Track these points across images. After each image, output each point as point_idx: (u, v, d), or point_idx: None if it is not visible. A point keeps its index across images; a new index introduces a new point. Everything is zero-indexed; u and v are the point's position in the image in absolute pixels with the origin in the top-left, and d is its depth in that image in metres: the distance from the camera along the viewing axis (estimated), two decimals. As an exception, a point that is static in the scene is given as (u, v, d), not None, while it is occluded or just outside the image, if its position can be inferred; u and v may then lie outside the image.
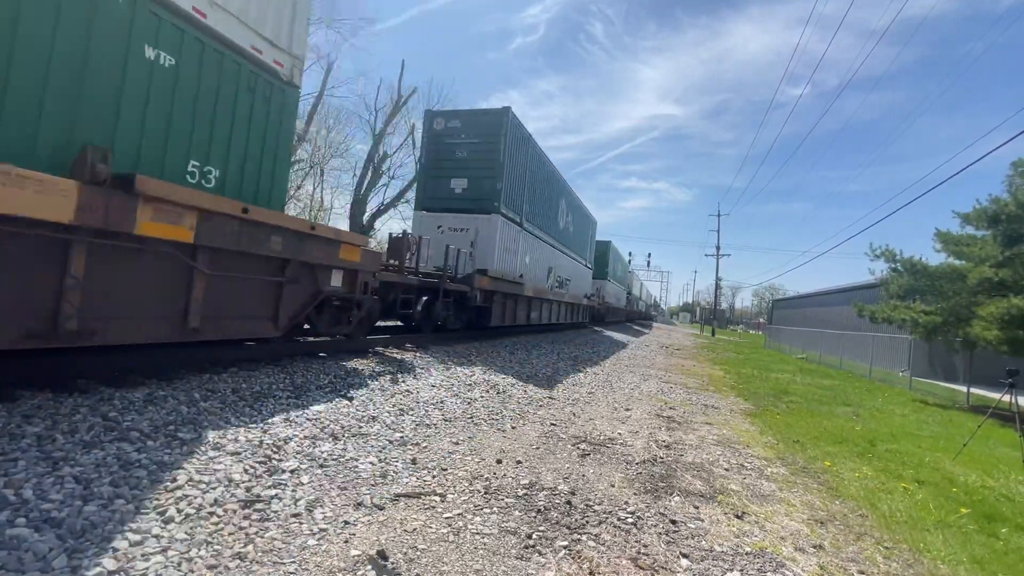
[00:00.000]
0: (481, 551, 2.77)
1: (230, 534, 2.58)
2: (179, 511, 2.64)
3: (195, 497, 2.79)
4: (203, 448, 3.38)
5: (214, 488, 2.94)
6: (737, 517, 3.67)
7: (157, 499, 2.69)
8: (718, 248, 51.86)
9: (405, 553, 2.66)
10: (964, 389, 12.57)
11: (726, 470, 4.81)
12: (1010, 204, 10.86)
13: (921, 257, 12.72)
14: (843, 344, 20.35)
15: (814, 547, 3.32)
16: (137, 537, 2.36)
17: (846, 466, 5.28)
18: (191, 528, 2.54)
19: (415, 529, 2.94)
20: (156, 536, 2.40)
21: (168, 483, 2.86)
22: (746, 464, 5.07)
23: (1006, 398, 6.35)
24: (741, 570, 2.89)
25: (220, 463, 3.24)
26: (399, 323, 10.42)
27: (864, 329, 18.56)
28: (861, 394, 12.06)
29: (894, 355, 16.92)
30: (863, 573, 3.02)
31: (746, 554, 3.10)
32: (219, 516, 2.70)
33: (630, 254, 58.11)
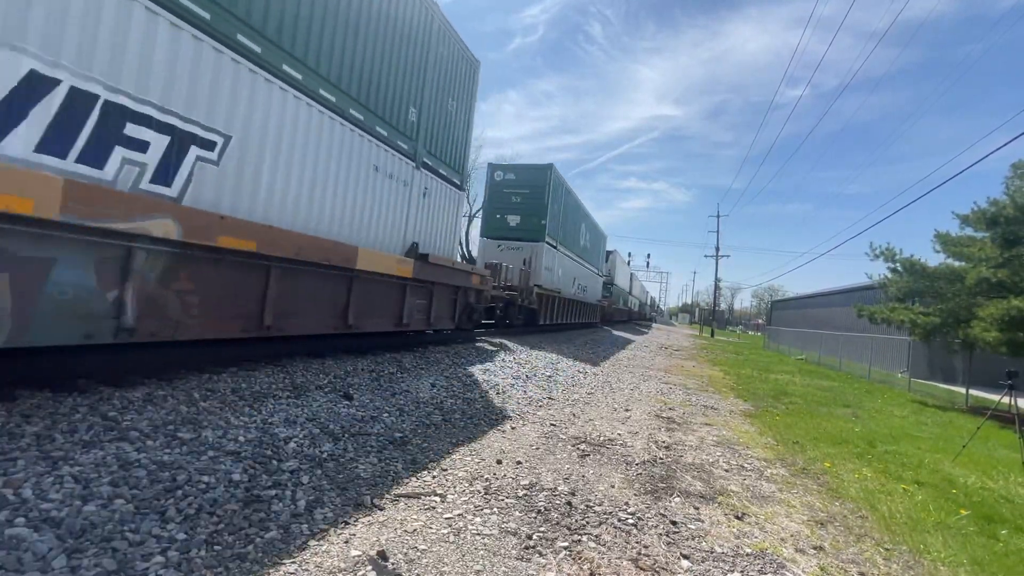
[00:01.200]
0: (481, 552, 2.77)
1: (230, 534, 2.57)
2: (179, 511, 2.63)
3: (195, 497, 2.78)
4: (203, 448, 3.37)
5: (214, 488, 2.93)
6: (737, 518, 3.67)
7: (157, 499, 2.68)
8: (717, 249, 51.92)
9: (405, 554, 2.65)
10: (963, 390, 12.58)
11: (726, 471, 4.81)
12: (1008, 206, 10.88)
13: (921, 258, 12.75)
14: (842, 345, 20.36)
15: (814, 548, 3.32)
16: (137, 537, 2.35)
17: (846, 467, 5.28)
18: (191, 528, 2.53)
19: (415, 530, 2.93)
20: (156, 536, 2.40)
21: (168, 483, 2.86)
22: (746, 465, 5.07)
23: (1005, 399, 6.36)
24: (742, 571, 2.89)
25: (220, 463, 3.24)
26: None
27: (863, 330, 18.57)
28: (860, 395, 12.07)
29: (893, 356, 16.94)
30: (864, 574, 3.02)
31: (747, 555, 3.10)
32: (219, 516, 2.69)
33: (629, 255, 55.95)
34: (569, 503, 3.57)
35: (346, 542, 2.70)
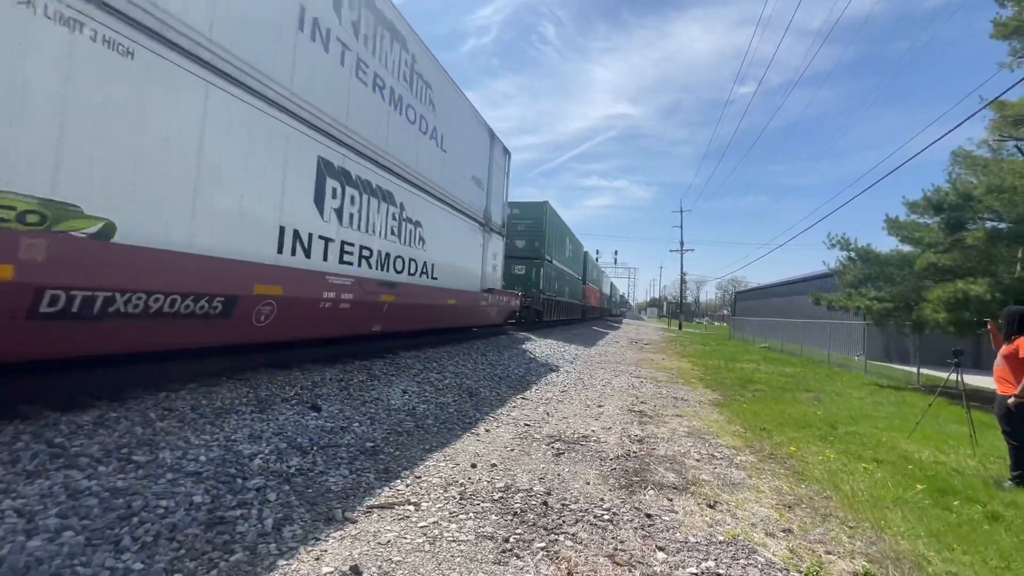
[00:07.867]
0: (458, 559, 2.73)
1: (192, 560, 2.45)
2: (135, 539, 2.49)
3: (152, 524, 2.64)
4: (160, 471, 3.21)
5: (173, 512, 2.79)
6: (710, 507, 3.74)
7: (110, 528, 2.53)
8: (681, 244, 53.06)
9: (380, 567, 2.59)
10: (915, 370, 13.23)
11: (697, 461, 4.90)
12: (951, 193, 11.49)
13: (873, 245, 13.33)
14: (803, 332, 21.12)
15: (783, 531, 3.41)
16: (88, 571, 2.21)
17: (810, 450, 5.47)
18: (148, 557, 2.40)
19: (389, 541, 2.86)
20: (110, 568, 2.26)
21: (122, 510, 2.70)
22: (716, 454, 5.18)
23: (953, 377, 6.70)
24: (715, 559, 2.94)
25: (180, 485, 3.09)
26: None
27: (823, 317, 19.30)
28: (821, 379, 12.54)
29: (850, 341, 17.66)
30: (830, 553, 3.12)
31: (719, 543, 3.16)
32: (179, 542, 2.56)
33: (597, 251, 56.16)
34: (545, 503, 3.56)
35: (317, 559, 2.61)
